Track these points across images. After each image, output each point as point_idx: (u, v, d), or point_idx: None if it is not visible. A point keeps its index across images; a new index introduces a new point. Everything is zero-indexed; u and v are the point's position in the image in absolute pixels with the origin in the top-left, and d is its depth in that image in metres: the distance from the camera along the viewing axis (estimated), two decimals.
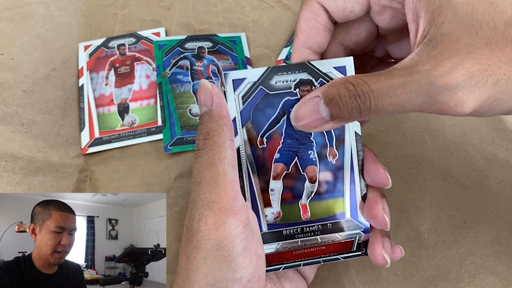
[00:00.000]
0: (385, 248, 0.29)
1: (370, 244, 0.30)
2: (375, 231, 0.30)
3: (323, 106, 0.24)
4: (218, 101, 0.27)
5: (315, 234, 0.29)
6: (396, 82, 0.22)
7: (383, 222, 0.29)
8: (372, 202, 0.29)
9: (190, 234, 0.25)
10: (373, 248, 0.29)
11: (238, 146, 0.29)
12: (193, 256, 0.25)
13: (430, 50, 0.23)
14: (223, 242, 0.24)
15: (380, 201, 0.29)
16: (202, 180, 0.25)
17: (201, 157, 0.26)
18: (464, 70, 0.21)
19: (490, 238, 0.37)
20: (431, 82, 0.22)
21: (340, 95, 0.24)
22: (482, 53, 0.22)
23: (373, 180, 0.29)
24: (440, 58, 0.22)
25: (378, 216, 0.29)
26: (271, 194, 0.29)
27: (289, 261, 0.30)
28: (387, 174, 0.29)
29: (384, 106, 0.23)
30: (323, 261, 0.30)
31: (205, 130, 0.26)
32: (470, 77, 0.21)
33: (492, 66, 0.22)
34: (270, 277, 0.31)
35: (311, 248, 0.30)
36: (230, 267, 0.24)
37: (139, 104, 0.45)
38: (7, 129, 0.42)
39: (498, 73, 0.22)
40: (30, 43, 0.47)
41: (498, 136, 0.42)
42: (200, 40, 0.48)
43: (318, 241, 0.30)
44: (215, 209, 0.25)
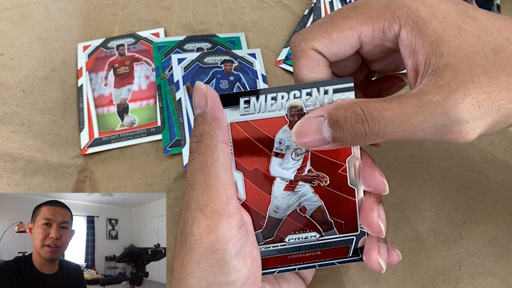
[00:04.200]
0: (380, 254, 0.28)
1: (366, 250, 0.29)
2: (371, 237, 0.29)
3: (327, 127, 0.24)
4: (212, 104, 0.27)
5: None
6: (409, 111, 0.23)
7: (378, 229, 0.28)
8: (367, 209, 0.28)
9: (184, 238, 0.25)
10: (369, 254, 0.29)
11: (180, 97, 0.43)
12: (187, 260, 0.25)
13: (437, 80, 0.23)
14: (216, 246, 0.24)
15: (376, 207, 0.28)
16: (195, 183, 0.25)
17: (194, 160, 0.26)
18: (473, 100, 0.22)
19: (489, 239, 0.37)
20: (446, 112, 0.22)
21: (346, 118, 0.24)
22: (483, 81, 0.23)
23: (370, 186, 0.28)
24: (449, 88, 0.23)
25: (373, 223, 0.28)
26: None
27: (283, 265, 0.30)
28: (385, 180, 0.28)
29: (394, 133, 0.23)
30: (318, 265, 0.30)
31: (198, 133, 0.26)
32: (479, 106, 0.22)
33: (493, 93, 0.23)
34: (268, 278, 0.31)
35: (306, 253, 0.29)
36: (224, 270, 0.24)
37: (139, 105, 0.45)
38: (6, 129, 0.42)
39: (499, 99, 0.23)
40: (30, 43, 0.47)
41: (497, 137, 0.42)
42: (199, 41, 0.48)
43: (313, 247, 0.29)
44: (207, 212, 0.25)
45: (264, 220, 0.29)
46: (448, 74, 0.23)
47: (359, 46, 0.27)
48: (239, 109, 0.27)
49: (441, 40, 0.24)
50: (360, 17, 0.26)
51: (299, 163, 0.28)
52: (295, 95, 0.27)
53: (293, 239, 0.29)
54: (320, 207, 0.29)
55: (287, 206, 0.29)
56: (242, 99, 0.27)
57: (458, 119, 0.22)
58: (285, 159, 0.28)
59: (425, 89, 0.23)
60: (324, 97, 0.27)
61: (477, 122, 0.23)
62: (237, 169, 0.28)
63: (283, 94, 0.27)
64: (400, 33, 0.25)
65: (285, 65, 0.47)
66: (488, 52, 0.23)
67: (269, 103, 0.27)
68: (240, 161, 0.28)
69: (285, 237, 0.29)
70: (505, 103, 0.23)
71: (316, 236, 0.29)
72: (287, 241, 0.29)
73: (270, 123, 0.27)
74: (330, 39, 0.26)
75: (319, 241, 0.29)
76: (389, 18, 0.25)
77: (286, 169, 0.28)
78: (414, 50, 0.25)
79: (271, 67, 0.48)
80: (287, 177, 0.28)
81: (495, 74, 0.23)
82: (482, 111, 0.22)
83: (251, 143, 0.27)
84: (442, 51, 0.23)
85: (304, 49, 0.27)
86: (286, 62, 0.47)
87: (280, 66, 0.48)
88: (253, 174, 0.28)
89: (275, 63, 0.48)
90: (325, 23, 0.27)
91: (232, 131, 0.27)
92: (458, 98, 0.22)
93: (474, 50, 0.23)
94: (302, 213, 0.29)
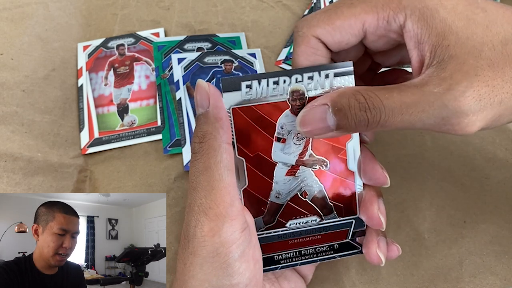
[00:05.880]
0: (380, 248, 0.29)
1: (366, 243, 0.29)
2: (371, 230, 0.30)
3: (331, 115, 0.24)
4: (215, 103, 0.26)
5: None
6: (409, 100, 0.23)
7: (378, 222, 0.28)
8: (368, 202, 0.29)
9: (187, 240, 0.25)
10: (368, 247, 0.29)
11: (180, 97, 0.42)
12: (190, 263, 0.25)
13: (439, 72, 0.23)
14: (219, 249, 0.24)
15: (376, 200, 0.29)
16: (198, 185, 0.25)
17: (197, 161, 0.25)
18: (475, 93, 0.22)
19: (490, 238, 0.37)
20: (445, 105, 0.22)
21: (350, 106, 0.24)
22: (487, 74, 0.22)
23: (371, 179, 0.29)
24: (451, 80, 0.22)
25: (374, 216, 0.29)
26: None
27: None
28: (385, 173, 0.28)
29: (394, 122, 0.23)
30: (319, 260, 0.30)
31: (200, 133, 0.26)
32: (480, 99, 0.22)
33: (497, 87, 0.22)
34: (268, 277, 0.31)
35: (306, 237, 0.30)
36: (227, 273, 0.24)
37: (139, 104, 0.45)
38: (6, 129, 0.42)
39: (502, 92, 0.23)
40: (30, 43, 0.47)
41: (498, 136, 0.42)
42: (199, 41, 0.48)
43: (314, 231, 0.30)
44: (210, 215, 0.24)
45: (265, 205, 0.29)
46: (452, 66, 0.23)
47: (363, 36, 0.27)
48: (241, 94, 0.27)
49: (448, 31, 0.23)
50: (365, 5, 0.26)
51: (301, 148, 0.28)
52: (297, 79, 0.27)
53: (294, 224, 0.29)
54: (321, 191, 0.29)
55: (288, 191, 0.29)
56: (243, 83, 0.27)
57: (457, 112, 0.22)
58: (287, 144, 0.28)
59: (427, 79, 0.23)
60: (325, 81, 0.27)
61: (478, 115, 0.22)
62: (239, 155, 0.28)
63: (285, 79, 0.27)
64: (405, 23, 0.25)
65: (285, 65, 0.47)
66: (497, 43, 0.23)
67: (271, 88, 0.27)
68: (242, 147, 0.28)
69: (286, 222, 0.29)
70: (508, 97, 0.23)
71: (317, 220, 0.29)
72: (288, 226, 0.29)
73: (272, 108, 0.27)
74: (333, 26, 0.26)
75: (320, 225, 0.30)
76: (394, 8, 0.25)
77: (288, 154, 0.28)
78: (419, 42, 0.24)
79: (271, 67, 0.48)
80: (289, 162, 0.28)
81: (501, 67, 0.23)
82: (483, 104, 0.22)
83: (253, 128, 0.27)
84: (448, 43, 0.23)
85: (306, 35, 0.27)
86: (286, 62, 0.47)
87: (280, 66, 0.48)
88: (255, 160, 0.28)
89: (275, 63, 0.48)
90: (329, 10, 0.27)
91: (233, 116, 0.27)
92: (459, 91, 0.22)
93: (482, 42, 0.23)
94: (303, 197, 0.29)
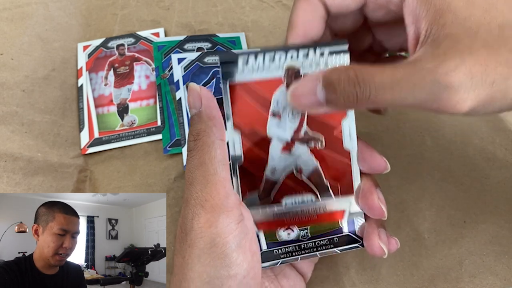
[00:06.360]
0: (381, 239, 0.29)
1: (366, 235, 0.30)
2: (370, 222, 0.30)
3: (321, 88, 0.24)
4: (207, 103, 0.27)
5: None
6: (400, 75, 0.23)
7: (380, 211, 0.29)
8: (367, 192, 0.29)
9: (184, 233, 0.25)
10: (370, 239, 0.29)
11: (180, 97, 0.42)
12: (188, 255, 0.25)
13: (433, 49, 0.23)
14: (216, 239, 0.25)
15: (375, 190, 0.29)
16: (194, 180, 0.26)
17: (192, 158, 0.26)
18: (466, 70, 0.22)
19: (490, 238, 0.37)
20: (436, 79, 0.22)
21: (339, 80, 0.24)
22: (482, 54, 0.22)
23: (371, 166, 0.29)
24: (444, 57, 0.22)
25: (375, 206, 0.29)
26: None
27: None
28: (384, 159, 0.29)
29: (384, 98, 0.23)
30: (320, 254, 0.30)
31: (195, 131, 0.27)
32: (472, 76, 0.22)
33: (490, 67, 0.22)
34: (267, 274, 0.31)
35: (302, 216, 0.30)
36: (224, 263, 0.25)
37: (139, 104, 0.45)
38: (6, 129, 0.42)
39: (495, 73, 0.22)
40: (30, 43, 0.47)
41: (498, 136, 0.42)
42: (199, 41, 0.48)
43: (310, 210, 0.30)
44: (207, 207, 0.25)
45: (261, 181, 0.29)
46: (447, 44, 0.23)
47: (363, 2, 0.27)
48: (237, 69, 0.27)
49: (446, 9, 0.24)
50: None
51: (296, 124, 0.28)
52: (292, 56, 0.27)
53: (289, 202, 0.29)
54: (317, 168, 0.29)
55: (283, 167, 0.29)
56: (240, 58, 0.27)
57: (448, 87, 0.22)
58: (282, 120, 0.28)
59: (420, 56, 0.23)
60: (320, 59, 0.28)
61: (468, 93, 0.22)
62: (234, 129, 0.28)
63: (280, 55, 0.27)
64: None
65: None
66: (494, 27, 0.23)
67: (267, 64, 0.27)
68: (237, 122, 0.28)
69: (282, 199, 0.29)
70: (500, 79, 0.23)
71: (313, 199, 0.29)
72: (283, 204, 0.29)
73: (268, 84, 0.28)
74: None
75: (315, 204, 0.29)
76: None
77: (283, 129, 0.28)
78: (417, 17, 0.25)
79: None
80: (284, 137, 0.28)
81: (496, 49, 0.23)
82: (474, 82, 0.22)
83: (249, 104, 0.28)
84: (445, 21, 0.23)
85: None
86: None
87: None
88: (251, 135, 0.28)
89: None
90: None
91: (230, 91, 0.28)
92: (451, 66, 0.22)
93: (480, 23, 0.23)
94: (299, 174, 0.29)
